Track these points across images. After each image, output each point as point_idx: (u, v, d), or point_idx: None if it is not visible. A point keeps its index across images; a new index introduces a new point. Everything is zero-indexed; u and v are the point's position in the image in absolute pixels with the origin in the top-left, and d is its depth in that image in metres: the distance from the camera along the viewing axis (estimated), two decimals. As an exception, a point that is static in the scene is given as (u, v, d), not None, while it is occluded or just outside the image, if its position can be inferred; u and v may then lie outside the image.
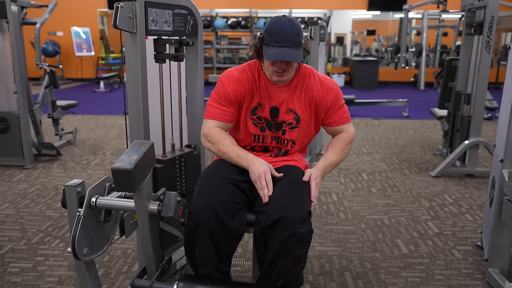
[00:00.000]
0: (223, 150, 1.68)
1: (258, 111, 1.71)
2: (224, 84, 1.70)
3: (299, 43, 1.56)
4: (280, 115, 1.71)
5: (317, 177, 1.65)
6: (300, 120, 1.72)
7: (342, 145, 1.78)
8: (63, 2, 10.31)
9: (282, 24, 1.54)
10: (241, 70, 1.72)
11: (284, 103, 1.70)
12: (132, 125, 1.76)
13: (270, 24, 1.57)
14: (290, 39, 1.53)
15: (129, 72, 1.71)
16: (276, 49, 1.53)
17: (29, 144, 3.87)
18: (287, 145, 1.76)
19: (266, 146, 1.78)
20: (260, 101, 1.71)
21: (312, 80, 1.71)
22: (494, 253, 2.07)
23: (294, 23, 1.56)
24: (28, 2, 3.80)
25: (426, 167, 4.04)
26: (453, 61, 4.22)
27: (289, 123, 1.72)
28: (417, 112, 7.09)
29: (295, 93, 1.70)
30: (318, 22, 3.95)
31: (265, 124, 1.73)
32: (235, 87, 1.68)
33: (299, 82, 1.71)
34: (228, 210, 1.53)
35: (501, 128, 2.16)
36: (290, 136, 1.74)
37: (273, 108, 1.71)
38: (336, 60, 12.47)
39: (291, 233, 1.46)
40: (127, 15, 1.59)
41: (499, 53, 11.29)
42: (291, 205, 1.50)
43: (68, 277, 2.11)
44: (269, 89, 1.70)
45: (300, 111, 1.71)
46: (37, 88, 8.72)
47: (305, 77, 1.72)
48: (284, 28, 1.53)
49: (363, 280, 2.12)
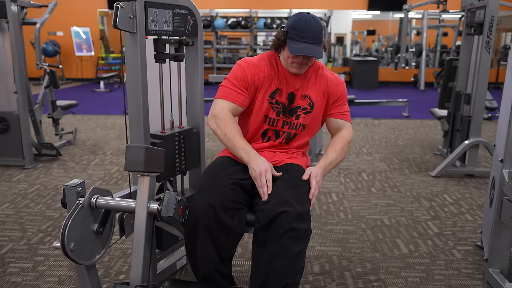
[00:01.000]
0: (229, 138, 1.68)
1: (277, 96, 1.77)
2: (243, 67, 1.75)
3: (321, 40, 1.67)
4: (295, 101, 1.78)
5: (318, 175, 1.67)
6: (314, 106, 1.79)
7: (342, 144, 1.81)
8: (63, 2, 10.31)
9: (308, 21, 1.65)
10: (260, 58, 1.80)
11: (300, 89, 1.78)
12: (132, 125, 1.76)
13: (296, 20, 1.66)
14: (315, 36, 1.64)
15: (129, 72, 1.71)
16: (301, 44, 1.63)
17: (29, 144, 3.87)
18: (298, 129, 1.81)
19: (277, 130, 1.81)
20: (279, 86, 1.78)
21: (325, 72, 1.85)
22: (494, 253, 2.07)
23: (318, 21, 1.67)
24: (28, 2, 3.80)
25: (426, 167, 4.04)
26: (453, 61, 4.22)
27: (303, 108, 1.79)
28: (417, 112, 7.09)
29: (310, 80, 1.80)
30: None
31: (281, 109, 1.79)
32: (254, 70, 1.74)
33: (313, 72, 1.81)
34: (228, 209, 1.54)
35: (501, 128, 2.16)
36: (303, 121, 1.80)
37: (290, 94, 1.78)
38: (336, 60, 12.48)
39: (288, 227, 1.47)
40: (127, 15, 1.59)
41: (499, 53, 11.29)
42: (290, 201, 1.51)
43: (68, 277, 2.11)
44: (287, 76, 1.78)
45: (314, 97, 1.79)
46: (37, 88, 8.73)
47: (318, 69, 1.83)
48: (309, 25, 1.64)
49: (363, 280, 2.12)
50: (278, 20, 11.16)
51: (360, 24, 12.89)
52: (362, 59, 11.11)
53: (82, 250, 1.47)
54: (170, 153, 1.92)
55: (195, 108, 2.04)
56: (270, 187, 1.57)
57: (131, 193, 1.75)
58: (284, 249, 1.48)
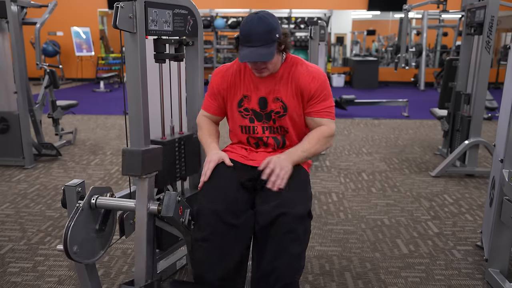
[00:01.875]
0: (200, 137, 1.87)
1: (244, 103, 1.75)
2: (212, 77, 1.84)
3: (270, 40, 1.57)
4: (268, 105, 1.73)
5: (272, 161, 1.60)
6: (288, 109, 1.72)
7: (318, 135, 1.72)
8: (63, 2, 10.31)
9: (250, 23, 1.57)
10: (230, 65, 1.81)
11: (271, 93, 1.72)
12: (132, 125, 1.76)
13: (242, 24, 1.61)
14: (259, 38, 1.55)
15: (129, 72, 1.71)
16: (246, 49, 1.57)
17: (29, 144, 3.87)
18: (281, 132, 1.77)
19: (260, 137, 1.78)
20: (246, 93, 1.75)
21: (299, 68, 1.73)
22: (494, 253, 2.07)
23: (264, 21, 1.56)
24: (28, 2, 3.80)
25: (426, 167, 4.04)
26: (453, 61, 4.22)
27: (276, 111, 1.73)
28: (417, 112, 7.09)
29: (281, 82, 1.72)
30: (318, 22, 3.95)
31: (253, 115, 1.76)
32: (218, 81, 1.80)
33: (285, 71, 1.72)
34: (235, 211, 1.53)
35: (501, 128, 2.16)
36: (280, 123, 1.75)
37: (261, 99, 1.73)
38: (336, 60, 12.47)
39: (288, 228, 1.46)
40: (127, 15, 1.59)
41: (499, 53, 11.29)
42: (290, 202, 1.51)
43: (68, 277, 2.11)
44: (255, 80, 1.73)
45: (286, 99, 1.72)
46: (37, 88, 8.72)
47: (292, 66, 1.73)
48: (252, 28, 1.56)
49: (363, 280, 2.12)
50: (278, 20, 11.17)
51: (360, 24, 12.89)
52: (362, 59, 11.10)
53: (84, 250, 1.47)
54: (170, 159, 1.92)
55: (195, 111, 2.04)
56: (207, 175, 1.63)
57: (131, 193, 1.75)
58: (284, 250, 1.47)
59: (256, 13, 1.59)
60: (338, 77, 11.18)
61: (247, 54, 1.56)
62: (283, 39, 1.64)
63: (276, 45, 1.60)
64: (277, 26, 1.60)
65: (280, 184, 1.55)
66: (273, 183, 1.55)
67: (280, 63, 1.72)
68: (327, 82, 1.75)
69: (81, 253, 1.44)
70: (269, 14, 1.61)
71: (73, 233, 1.40)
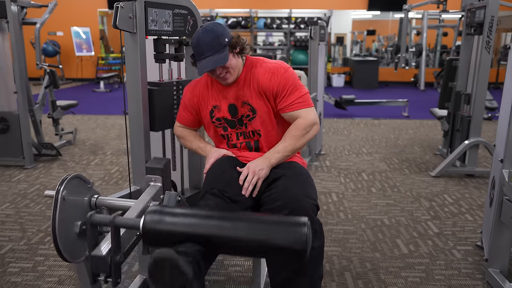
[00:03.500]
0: (189, 145, 1.90)
1: (215, 113, 1.79)
2: (184, 93, 1.88)
3: (220, 45, 1.63)
4: (238, 111, 1.76)
5: (246, 167, 1.65)
6: (256, 111, 1.73)
7: (294, 131, 1.70)
8: (63, 2, 10.30)
9: (198, 36, 1.64)
10: (199, 79, 1.86)
11: (238, 98, 1.75)
12: (132, 125, 1.76)
13: (191, 40, 1.67)
14: (208, 47, 1.62)
15: (129, 72, 1.71)
16: (201, 62, 1.63)
17: (29, 144, 3.87)
18: (254, 137, 1.78)
19: (234, 144, 1.81)
20: (215, 104, 1.78)
21: (259, 68, 1.74)
22: (494, 253, 2.07)
23: (209, 30, 1.63)
24: (28, 2, 3.80)
25: (426, 167, 4.04)
26: (453, 61, 4.22)
27: (246, 115, 1.75)
28: (417, 112, 7.09)
29: (245, 85, 1.74)
30: (318, 22, 3.95)
31: (226, 123, 1.79)
32: (189, 96, 1.84)
33: (247, 74, 1.75)
34: (237, 202, 1.58)
35: (501, 128, 2.16)
36: (252, 127, 1.76)
37: (230, 106, 1.76)
38: (336, 60, 12.47)
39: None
40: (127, 15, 1.59)
41: (499, 53, 11.29)
42: (297, 197, 1.52)
43: (68, 277, 2.11)
44: (222, 90, 1.77)
45: (253, 102, 1.73)
46: (37, 88, 8.72)
47: (252, 67, 1.75)
48: (200, 40, 1.63)
49: (363, 280, 2.12)
50: (278, 20, 11.17)
51: (360, 24, 12.89)
52: (362, 59, 11.10)
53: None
54: (168, 101, 1.92)
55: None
56: (207, 168, 1.71)
57: (131, 193, 1.75)
58: None
59: (201, 26, 1.67)
60: (338, 77, 11.18)
61: (203, 65, 1.62)
62: (235, 41, 1.67)
63: (227, 48, 1.64)
64: (224, 32, 1.65)
65: (250, 190, 1.61)
66: (245, 189, 1.60)
67: (242, 66, 1.75)
68: (289, 74, 1.71)
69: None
70: (213, 23, 1.67)
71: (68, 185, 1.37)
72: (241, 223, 1.09)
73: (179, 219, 1.12)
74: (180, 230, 1.09)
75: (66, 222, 1.36)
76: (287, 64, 1.77)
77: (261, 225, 1.08)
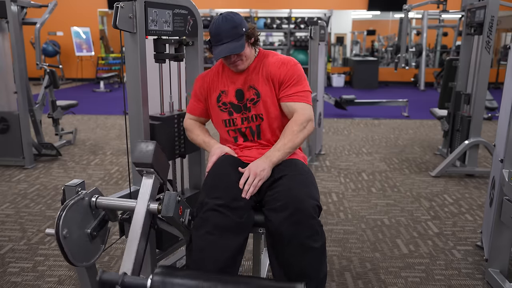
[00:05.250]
0: (194, 138, 1.90)
1: (222, 98, 1.83)
2: (194, 84, 1.92)
3: (238, 34, 1.69)
4: (244, 95, 1.79)
5: (247, 168, 1.64)
6: (261, 95, 1.77)
7: (291, 127, 1.71)
8: (63, 2, 10.30)
9: (217, 24, 1.70)
10: (209, 70, 1.91)
11: (246, 83, 1.79)
12: (132, 125, 1.76)
13: (210, 26, 1.73)
14: (228, 34, 1.68)
15: (129, 72, 1.71)
16: (218, 47, 1.69)
17: (29, 144, 3.88)
18: (256, 121, 1.79)
19: (239, 128, 1.82)
20: (223, 89, 1.83)
21: (270, 58, 1.81)
22: (494, 253, 2.07)
23: (229, 19, 1.70)
24: (28, 2, 3.80)
25: (426, 167, 4.04)
26: (453, 61, 4.22)
27: (251, 99, 1.79)
28: (417, 112, 7.09)
29: (254, 71, 1.80)
30: (318, 22, 3.95)
31: (231, 108, 1.82)
32: (199, 84, 1.88)
33: (258, 62, 1.81)
34: (237, 209, 1.54)
35: (501, 128, 2.16)
36: (256, 111, 1.78)
37: (238, 91, 1.80)
38: (336, 60, 12.47)
39: (305, 226, 1.47)
40: (127, 15, 1.59)
41: (499, 53, 11.29)
42: (300, 198, 1.52)
43: (68, 277, 2.11)
44: (232, 75, 1.82)
45: (259, 86, 1.78)
46: (37, 88, 8.72)
47: (263, 58, 1.82)
48: (220, 27, 1.69)
49: (363, 280, 2.12)
50: (278, 20, 11.17)
51: (360, 24, 12.89)
52: (362, 59, 11.10)
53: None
54: (170, 135, 1.93)
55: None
56: (209, 166, 1.73)
57: (131, 193, 1.75)
58: (308, 249, 1.48)
59: (221, 14, 1.72)
60: (338, 77, 11.18)
61: (220, 51, 1.68)
62: (251, 31, 1.75)
63: (244, 38, 1.71)
64: (242, 22, 1.72)
65: (252, 192, 1.59)
66: (245, 191, 1.59)
67: (254, 57, 1.81)
68: (298, 68, 1.78)
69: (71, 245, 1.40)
70: (232, 12, 1.74)
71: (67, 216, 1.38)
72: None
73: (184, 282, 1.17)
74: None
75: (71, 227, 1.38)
76: None
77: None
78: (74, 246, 1.42)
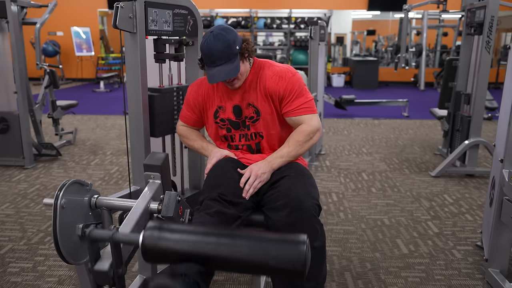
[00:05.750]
0: (191, 144, 1.88)
1: (220, 114, 1.78)
2: (188, 91, 1.87)
3: (232, 55, 1.61)
4: (243, 112, 1.75)
5: (249, 169, 1.65)
6: (260, 112, 1.73)
7: (298, 137, 1.70)
8: (63, 2, 10.30)
9: (209, 43, 1.59)
10: (204, 78, 1.83)
11: (244, 100, 1.74)
12: (132, 125, 1.76)
13: (201, 44, 1.63)
14: (220, 55, 1.59)
15: (129, 72, 1.71)
16: (212, 70, 1.62)
17: (29, 144, 3.87)
18: (256, 139, 1.77)
19: (236, 145, 1.81)
20: (220, 104, 1.78)
21: (266, 71, 1.73)
22: (494, 253, 2.07)
23: (220, 38, 1.59)
24: (28, 2, 3.80)
25: (426, 167, 4.04)
26: (453, 61, 4.22)
27: (250, 117, 1.75)
28: (417, 112, 7.09)
29: (251, 87, 1.73)
30: (318, 22, 3.95)
31: (229, 125, 1.78)
32: (194, 95, 1.83)
33: (254, 76, 1.74)
34: (237, 204, 1.57)
35: (501, 128, 2.16)
36: (255, 129, 1.76)
37: (235, 107, 1.76)
38: (336, 60, 12.47)
39: (305, 225, 1.47)
40: (127, 15, 1.59)
41: (499, 53, 11.28)
42: (299, 197, 1.52)
43: (68, 277, 2.11)
44: (228, 90, 1.76)
45: (258, 103, 1.73)
46: (37, 88, 8.72)
47: (259, 70, 1.75)
48: (211, 47, 1.59)
49: (363, 280, 2.12)
50: (278, 20, 11.17)
51: (360, 24, 12.89)
52: (362, 59, 11.10)
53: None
54: (168, 107, 1.92)
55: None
56: (208, 167, 1.73)
57: (131, 193, 1.75)
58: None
59: (211, 32, 1.62)
60: (338, 77, 11.18)
61: (214, 75, 1.61)
62: (245, 47, 1.66)
63: (238, 57, 1.63)
64: (235, 39, 1.62)
65: (251, 193, 1.60)
66: (246, 191, 1.60)
67: (249, 70, 1.74)
68: (296, 79, 1.71)
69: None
70: (224, 29, 1.62)
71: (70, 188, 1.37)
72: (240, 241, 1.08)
73: (179, 237, 1.11)
74: (180, 248, 1.08)
75: (67, 225, 1.37)
76: (294, 69, 1.77)
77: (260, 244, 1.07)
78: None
